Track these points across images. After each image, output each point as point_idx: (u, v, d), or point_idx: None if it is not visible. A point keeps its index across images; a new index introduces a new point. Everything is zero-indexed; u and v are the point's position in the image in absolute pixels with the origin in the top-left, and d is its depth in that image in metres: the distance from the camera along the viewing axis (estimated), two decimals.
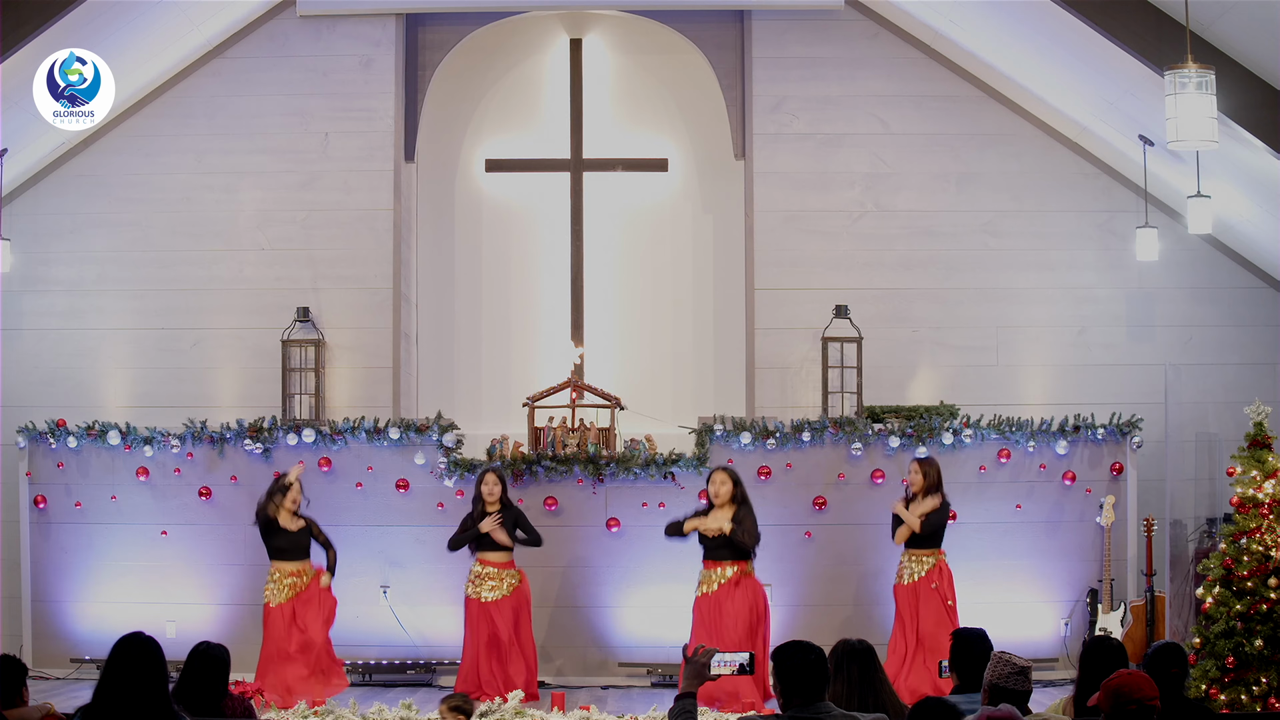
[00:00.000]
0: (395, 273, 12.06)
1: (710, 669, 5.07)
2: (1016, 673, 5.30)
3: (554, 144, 12.81)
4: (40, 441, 11.38)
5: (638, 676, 11.02)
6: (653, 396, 12.14)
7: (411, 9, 12.19)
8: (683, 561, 10.32)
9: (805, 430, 11.14)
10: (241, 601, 11.15)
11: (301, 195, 12.06)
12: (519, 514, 10.36)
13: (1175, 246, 11.95)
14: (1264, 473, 9.49)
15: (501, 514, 10.18)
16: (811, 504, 11.15)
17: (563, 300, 12.71)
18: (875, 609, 11.04)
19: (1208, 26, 9.46)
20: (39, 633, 11.30)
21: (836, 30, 12.13)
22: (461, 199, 12.88)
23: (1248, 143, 10.01)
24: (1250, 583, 9.36)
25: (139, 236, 12.09)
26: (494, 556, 10.20)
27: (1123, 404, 11.58)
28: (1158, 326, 12.11)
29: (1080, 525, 11.20)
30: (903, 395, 11.86)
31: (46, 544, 11.35)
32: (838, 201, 12.10)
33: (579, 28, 12.87)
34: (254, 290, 12.02)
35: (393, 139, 12.10)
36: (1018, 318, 12.09)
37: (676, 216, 12.86)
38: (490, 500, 10.22)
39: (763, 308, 12.01)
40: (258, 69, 12.09)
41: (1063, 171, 12.15)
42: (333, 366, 11.94)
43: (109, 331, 12.04)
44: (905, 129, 12.13)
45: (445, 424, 11.20)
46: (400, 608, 10.98)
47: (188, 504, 11.26)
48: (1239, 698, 9.28)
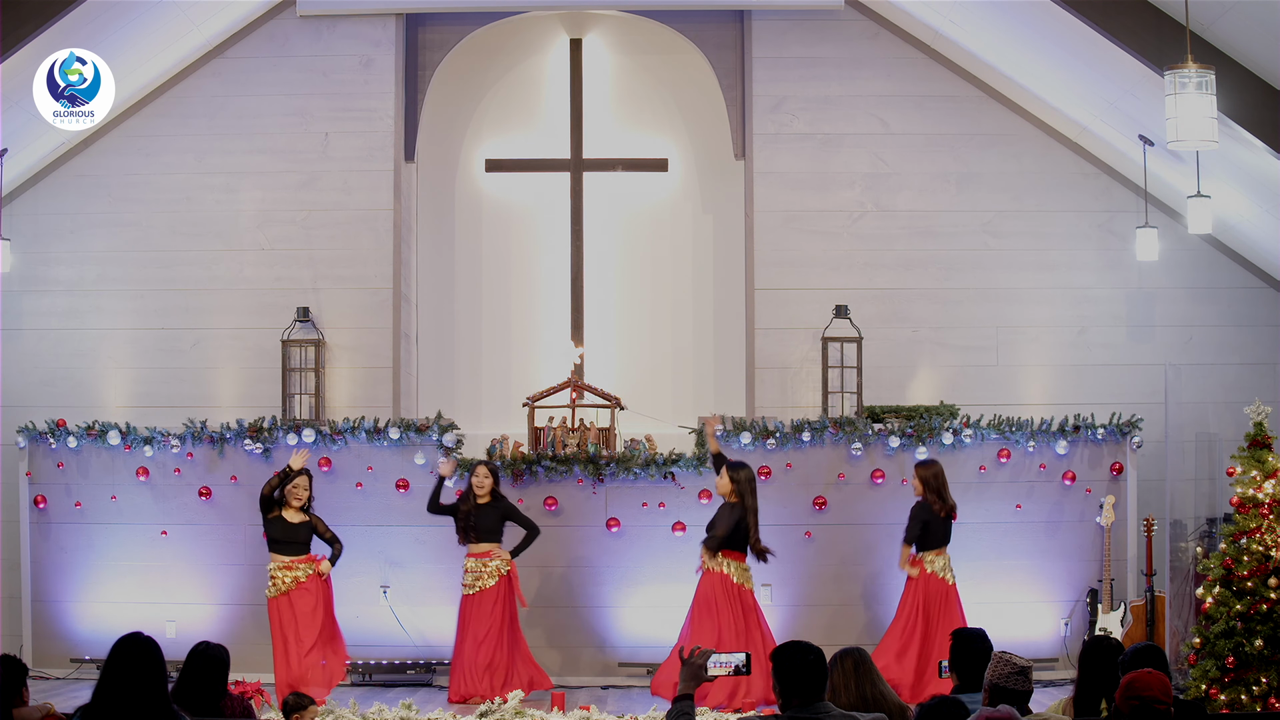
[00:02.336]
0: (395, 273, 12.06)
1: (707, 669, 5.08)
2: (1016, 673, 5.30)
3: (554, 144, 12.81)
4: (40, 441, 11.38)
5: (638, 676, 11.02)
6: (653, 396, 12.14)
7: (411, 9, 12.19)
8: (683, 561, 10.33)
9: (805, 430, 11.14)
10: (241, 601, 11.15)
11: (301, 195, 12.06)
12: (510, 507, 10.43)
13: (1175, 246, 11.95)
14: (1264, 473, 9.49)
15: (491, 506, 10.32)
16: (811, 504, 11.15)
17: (563, 300, 12.71)
18: (876, 609, 11.04)
19: (1208, 26, 9.46)
20: (39, 633, 11.30)
21: (836, 30, 12.12)
22: (461, 199, 12.88)
23: (1248, 143, 10.01)
24: (1250, 583, 9.36)
25: (139, 236, 12.09)
26: (479, 547, 10.28)
27: (1123, 404, 11.58)
28: (1158, 326, 12.10)
29: (1080, 525, 11.20)
30: (903, 395, 11.86)
31: (46, 544, 11.35)
32: (838, 201, 12.10)
33: (579, 28, 12.86)
34: (254, 290, 12.02)
35: (393, 139, 12.10)
36: (1018, 318, 12.08)
37: (676, 216, 12.86)
38: (480, 492, 10.31)
39: (763, 308, 12.01)
40: (258, 69, 12.09)
41: (1063, 171, 12.15)
42: (333, 366, 11.94)
43: (109, 331, 12.04)
44: (905, 129, 12.13)
45: (445, 424, 11.21)
46: (400, 608, 10.98)
47: (188, 504, 11.27)
48: (1239, 698, 9.27)
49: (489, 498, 10.33)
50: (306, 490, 10.15)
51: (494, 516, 10.34)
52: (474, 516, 10.30)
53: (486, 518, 10.33)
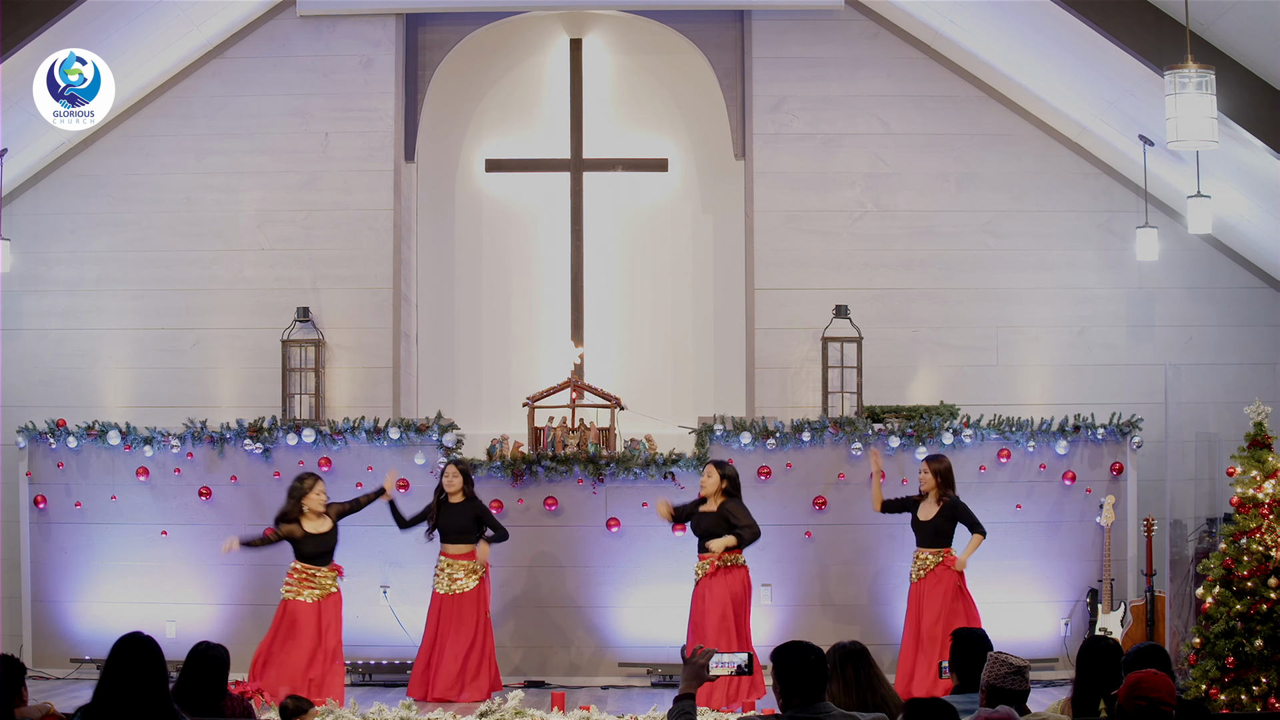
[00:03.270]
0: (395, 273, 12.06)
1: (709, 669, 5.07)
2: (1013, 672, 5.30)
3: (554, 144, 12.81)
4: (40, 441, 11.39)
5: (638, 676, 11.02)
6: (653, 396, 12.14)
7: (411, 9, 12.19)
8: (683, 561, 10.32)
9: (805, 430, 11.14)
10: (241, 601, 11.16)
11: (301, 195, 12.06)
12: (482, 508, 10.41)
13: (1175, 246, 11.95)
14: (1264, 473, 9.49)
15: (463, 506, 10.29)
16: (811, 504, 11.15)
17: (563, 300, 12.71)
18: (876, 609, 11.05)
19: (1208, 26, 9.46)
20: (39, 633, 11.30)
21: (836, 30, 12.12)
22: (461, 199, 12.88)
23: (1248, 143, 10.01)
24: (1250, 583, 9.35)
25: (139, 236, 12.09)
26: (457, 548, 10.28)
27: (1123, 404, 11.58)
28: (1158, 326, 12.10)
29: (1080, 525, 11.20)
30: (903, 395, 11.86)
31: (46, 544, 11.35)
32: (838, 201, 12.09)
33: (579, 28, 12.86)
34: (254, 290, 12.02)
35: (393, 139, 12.10)
36: (1018, 318, 12.08)
37: (676, 216, 12.86)
38: (452, 491, 10.29)
39: (763, 308, 12.01)
40: (258, 69, 12.09)
41: (1063, 171, 12.15)
42: (333, 366, 11.94)
43: (109, 331, 12.04)
44: (905, 129, 12.13)
45: (445, 424, 11.21)
46: (400, 608, 10.98)
47: (188, 504, 11.27)
48: (1239, 698, 9.27)
49: (461, 496, 10.32)
50: (322, 493, 10.01)
51: (467, 516, 10.32)
52: (446, 516, 10.29)
53: (460, 517, 10.30)
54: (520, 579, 11.16)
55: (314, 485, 9.95)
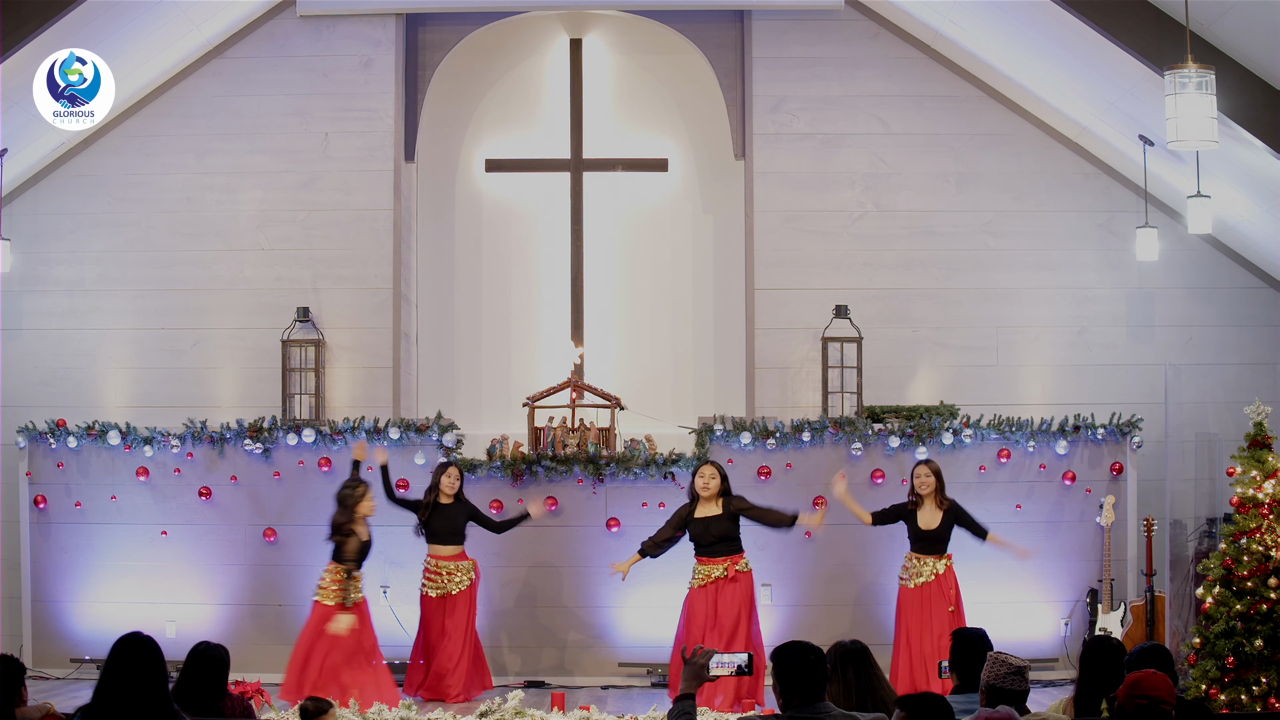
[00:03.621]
0: (395, 273, 12.06)
1: (709, 670, 5.07)
2: (1013, 673, 5.30)
3: (554, 144, 12.81)
4: (40, 441, 11.39)
5: (638, 676, 11.03)
6: (653, 396, 12.14)
7: (411, 9, 12.19)
8: (682, 561, 10.31)
9: (805, 430, 11.14)
10: (241, 601, 11.16)
11: (301, 195, 12.06)
12: (473, 509, 10.44)
13: (1175, 246, 11.95)
14: (1264, 473, 9.49)
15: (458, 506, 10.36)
16: (811, 504, 11.13)
17: (563, 300, 12.71)
18: (876, 609, 11.04)
19: (1208, 26, 9.46)
20: (39, 633, 11.30)
21: (836, 30, 12.13)
22: (461, 199, 12.88)
23: (1248, 143, 10.01)
24: (1250, 583, 9.36)
25: (139, 236, 12.09)
26: (448, 550, 10.29)
27: (1123, 404, 11.59)
28: (1158, 326, 12.10)
29: (1080, 525, 11.20)
30: (903, 395, 11.86)
31: (46, 544, 11.35)
32: (838, 201, 12.10)
33: (579, 28, 12.86)
34: (254, 290, 12.02)
35: (393, 139, 12.10)
36: (1018, 318, 12.08)
37: (676, 216, 12.86)
38: (447, 493, 10.30)
39: (763, 308, 12.01)
40: (258, 69, 12.10)
41: (1063, 171, 12.15)
42: (333, 366, 11.94)
43: (109, 331, 12.05)
44: (905, 129, 12.13)
45: (445, 424, 11.21)
46: (400, 608, 10.97)
47: (188, 504, 11.27)
48: (1239, 698, 9.28)
49: (452, 499, 10.35)
50: (372, 499, 9.99)
51: (461, 517, 10.34)
52: (438, 517, 10.29)
53: (454, 518, 10.32)
54: (520, 579, 11.16)
55: (365, 493, 9.94)
